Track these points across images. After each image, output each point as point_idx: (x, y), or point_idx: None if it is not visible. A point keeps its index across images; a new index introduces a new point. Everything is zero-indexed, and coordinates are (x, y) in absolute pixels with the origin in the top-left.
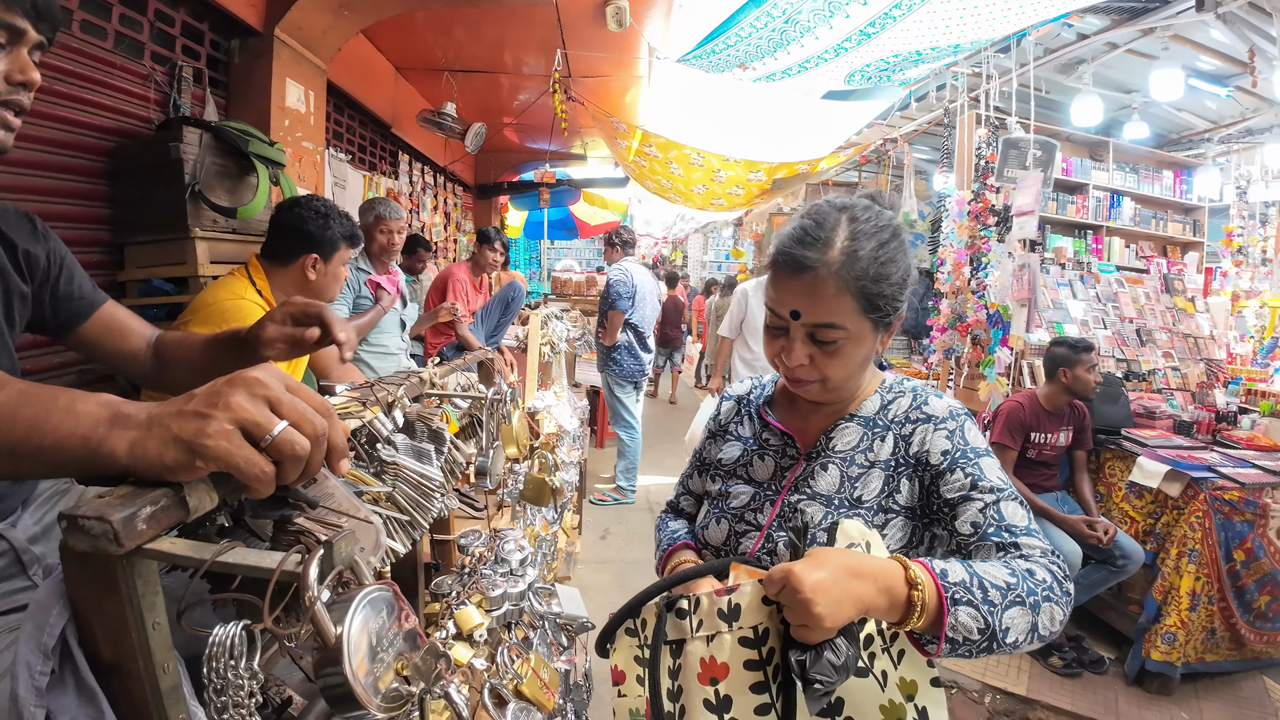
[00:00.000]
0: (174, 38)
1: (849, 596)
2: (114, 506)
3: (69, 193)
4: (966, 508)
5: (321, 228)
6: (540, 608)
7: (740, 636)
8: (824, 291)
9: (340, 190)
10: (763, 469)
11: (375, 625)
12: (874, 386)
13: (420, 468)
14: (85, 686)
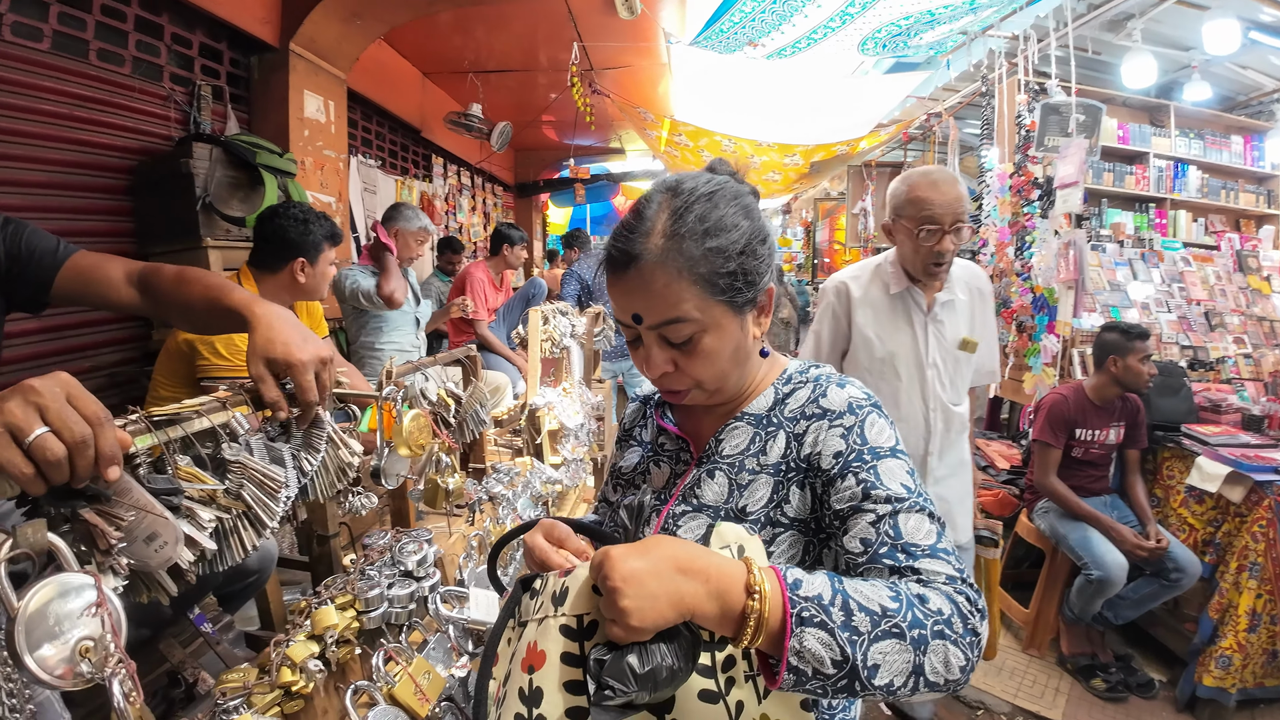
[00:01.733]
0: (192, 59)
1: (667, 594)
2: None
3: (95, 209)
4: (856, 521)
5: (303, 233)
6: (446, 612)
7: (562, 624)
8: (654, 285)
9: (370, 195)
10: (659, 476)
11: (60, 608)
12: (772, 377)
13: (265, 468)
14: None
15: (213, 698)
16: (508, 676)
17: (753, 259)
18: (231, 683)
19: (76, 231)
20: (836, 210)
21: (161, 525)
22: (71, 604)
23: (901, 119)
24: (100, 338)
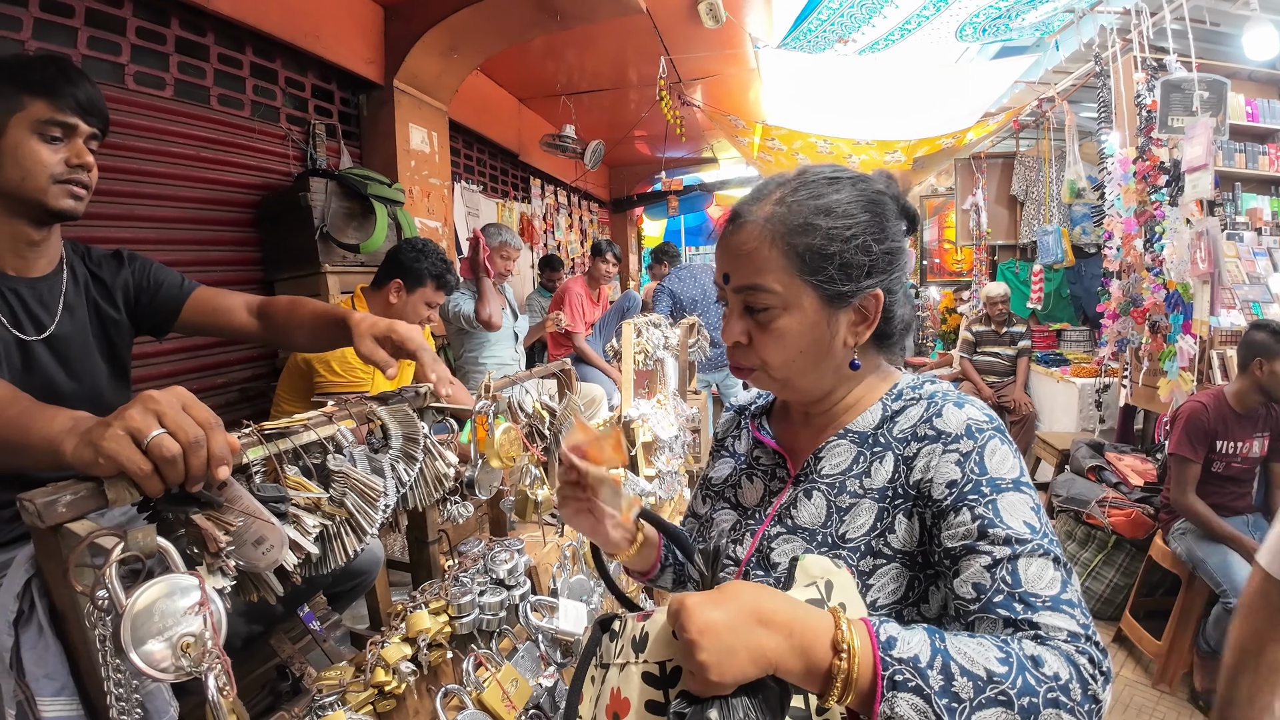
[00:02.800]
0: (306, 99)
1: (746, 647)
2: (42, 494)
3: (227, 240)
4: (969, 563)
5: (413, 260)
6: (536, 622)
7: (644, 671)
8: (747, 246)
9: (474, 218)
10: (751, 492)
11: (164, 605)
12: (879, 392)
13: (366, 478)
14: (43, 626)
15: (311, 693)
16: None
17: (860, 253)
18: (329, 679)
19: (209, 261)
20: (945, 207)
21: (268, 530)
22: (178, 602)
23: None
24: (231, 356)
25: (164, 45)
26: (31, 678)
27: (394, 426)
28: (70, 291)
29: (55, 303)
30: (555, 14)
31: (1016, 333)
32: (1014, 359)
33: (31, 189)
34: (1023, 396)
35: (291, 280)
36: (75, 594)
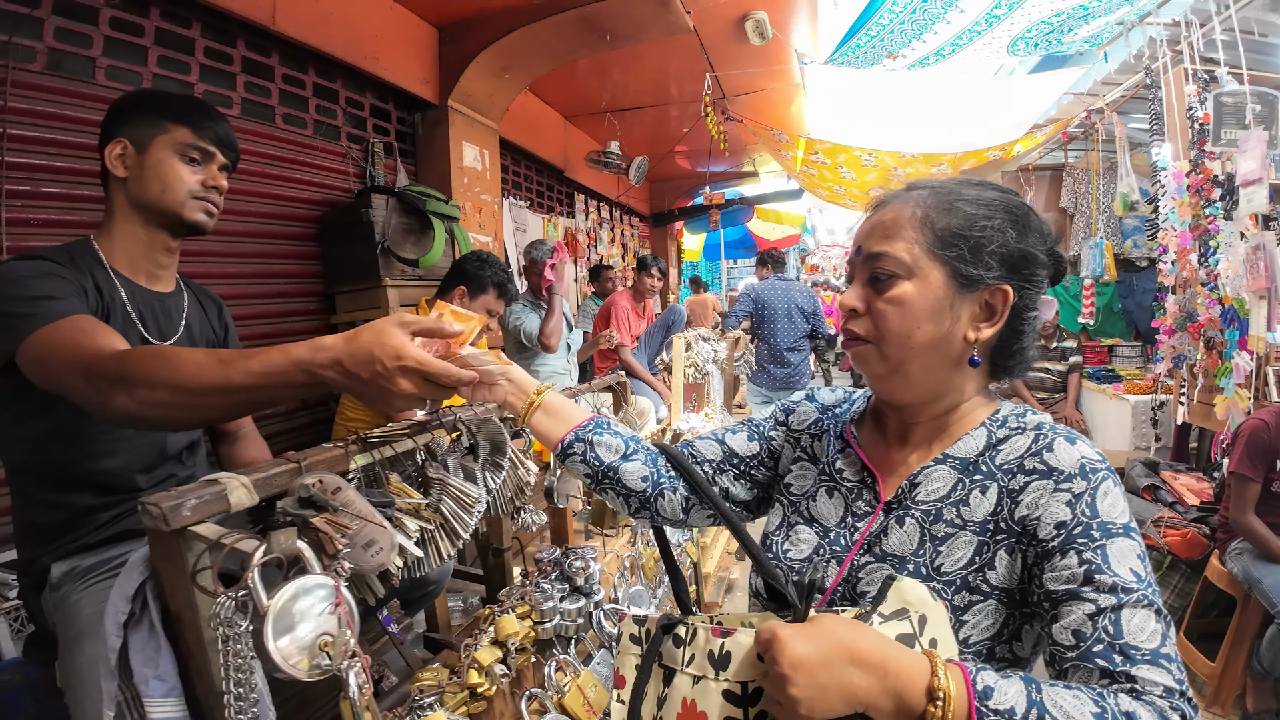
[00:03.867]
0: (364, 119)
1: (838, 686)
2: (169, 498)
3: (290, 254)
4: (1072, 609)
5: (477, 269)
6: (609, 628)
7: (725, 689)
8: (888, 217)
9: (521, 234)
10: (829, 509)
11: (304, 605)
12: (981, 416)
13: (462, 484)
14: (154, 627)
15: (405, 693)
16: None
17: (995, 240)
18: (426, 680)
19: (273, 274)
20: None
21: (379, 533)
22: (312, 603)
23: (1058, 118)
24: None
25: (231, 65)
26: (140, 679)
27: (481, 436)
28: (189, 310)
29: (179, 317)
30: (604, 34)
31: (1067, 348)
32: (1065, 375)
33: (170, 201)
34: (1074, 413)
35: (351, 293)
36: (194, 596)
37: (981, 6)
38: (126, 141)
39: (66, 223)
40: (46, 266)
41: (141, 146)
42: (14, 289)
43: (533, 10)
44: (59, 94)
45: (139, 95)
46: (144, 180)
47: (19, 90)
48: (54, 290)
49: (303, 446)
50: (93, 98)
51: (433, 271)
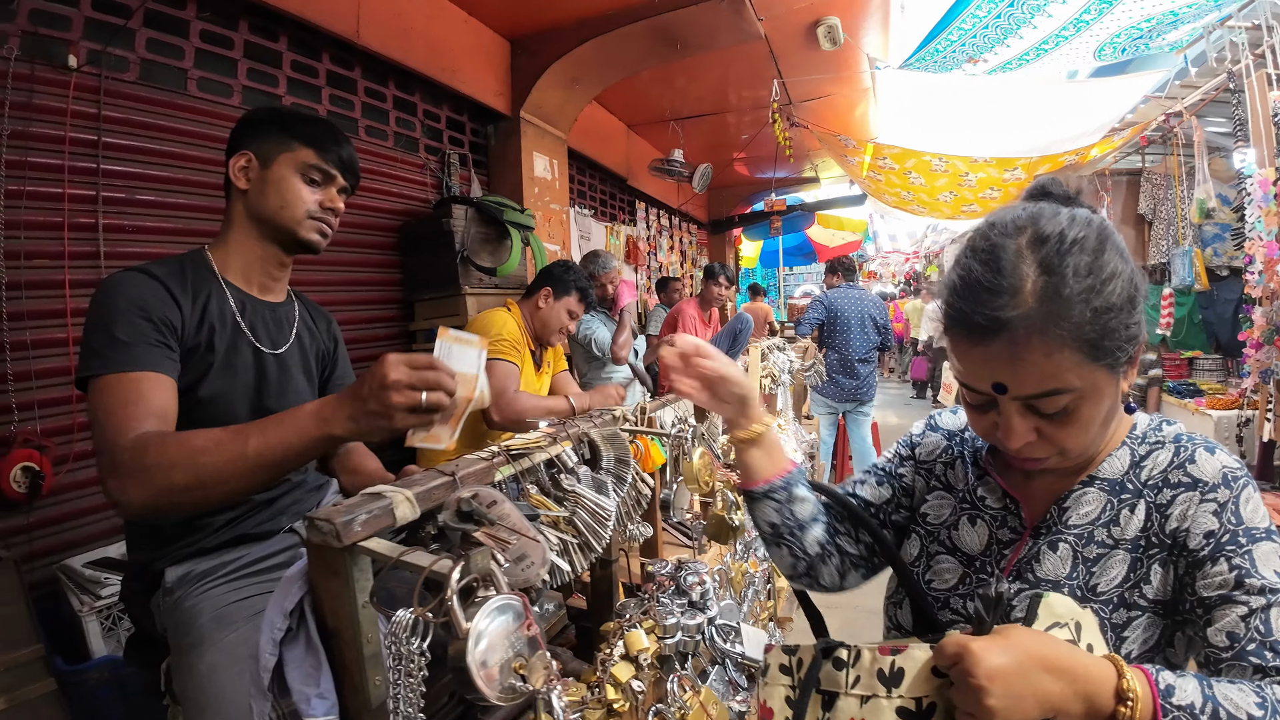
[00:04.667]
0: (441, 131)
1: (1034, 694)
2: (339, 513)
3: (372, 263)
4: (1225, 612)
5: (563, 272)
6: (722, 645)
7: (899, 706)
8: (1029, 356)
9: (585, 242)
10: (972, 538)
11: (500, 626)
12: (1121, 434)
13: (596, 498)
14: (312, 644)
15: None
16: None
17: (1135, 310)
18: (570, 695)
19: (357, 281)
20: None
21: (533, 548)
22: (504, 622)
23: (1135, 121)
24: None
25: (316, 78)
26: (300, 697)
27: (605, 448)
28: (299, 321)
29: (290, 327)
30: (675, 43)
31: (1146, 360)
32: (1144, 389)
33: (288, 219)
34: None
35: (431, 300)
36: (357, 613)
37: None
38: (251, 155)
39: (161, 230)
40: (143, 295)
41: (266, 161)
42: (104, 316)
43: (605, 21)
44: (152, 104)
45: (271, 111)
46: (265, 195)
47: (113, 99)
48: (133, 335)
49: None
50: (185, 108)
51: (507, 280)
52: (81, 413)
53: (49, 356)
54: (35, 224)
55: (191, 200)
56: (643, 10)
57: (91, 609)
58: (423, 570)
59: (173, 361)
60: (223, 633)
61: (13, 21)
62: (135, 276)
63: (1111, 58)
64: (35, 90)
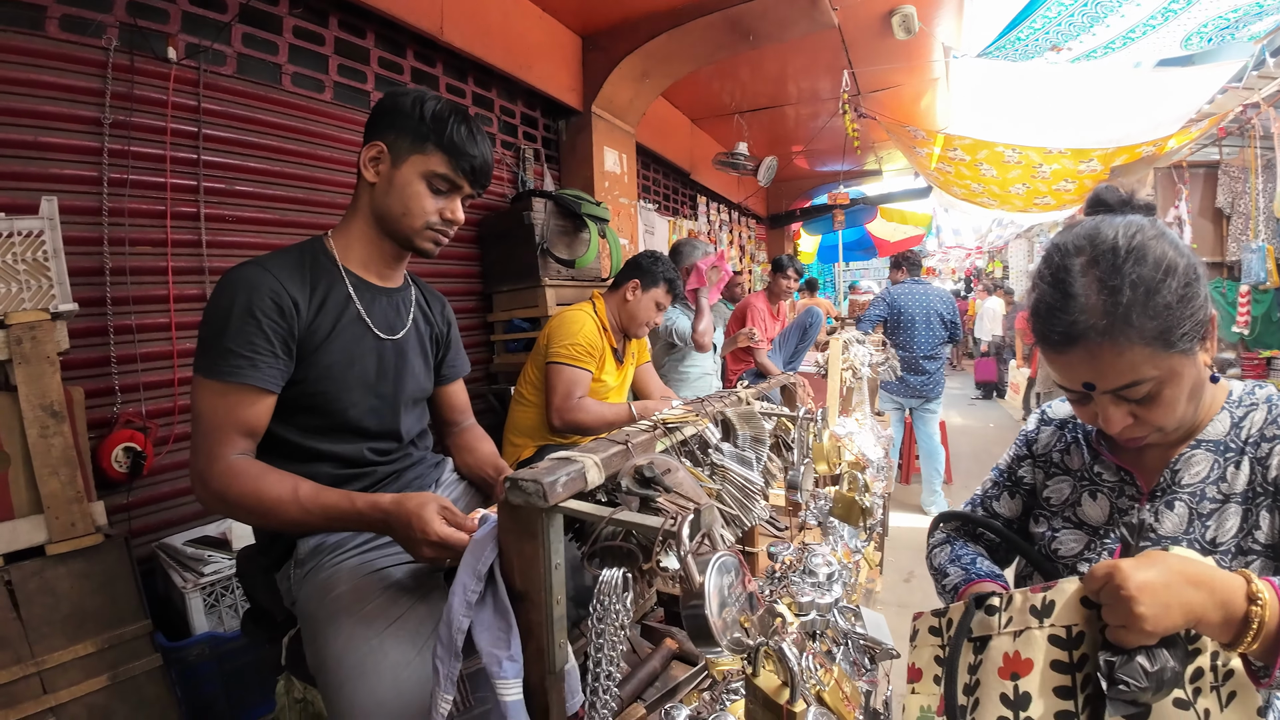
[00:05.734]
0: (515, 126)
1: (1179, 603)
2: (543, 473)
3: (454, 255)
4: None
5: (651, 264)
6: (845, 625)
7: (1051, 634)
8: (1105, 358)
9: (649, 236)
10: (1095, 510)
11: (726, 581)
12: (1220, 401)
13: (744, 471)
14: (501, 606)
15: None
16: (975, 685)
17: (1195, 298)
18: (724, 665)
19: (439, 274)
20: None
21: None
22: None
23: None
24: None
25: (401, 74)
26: (490, 659)
27: (740, 426)
28: (415, 305)
29: (406, 312)
30: (748, 35)
31: (1223, 359)
32: None
33: (406, 227)
34: None
35: (510, 292)
36: (551, 575)
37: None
38: (384, 147)
39: (259, 220)
40: (260, 298)
41: (397, 159)
42: (220, 316)
43: (676, 14)
44: (248, 97)
45: (414, 99)
46: (389, 195)
47: (211, 93)
48: (242, 344)
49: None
50: (279, 102)
51: (584, 272)
52: (184, 395)
53: (152, 340)
54: (139, 212)
55: (288, 193)
56: (715, 3)
57: (195, 585)
58: (656, 529)
59: (278, 370)
60: (359, 604)
61: (110, 13)
62: (255, 274)
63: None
64: (136, 81)
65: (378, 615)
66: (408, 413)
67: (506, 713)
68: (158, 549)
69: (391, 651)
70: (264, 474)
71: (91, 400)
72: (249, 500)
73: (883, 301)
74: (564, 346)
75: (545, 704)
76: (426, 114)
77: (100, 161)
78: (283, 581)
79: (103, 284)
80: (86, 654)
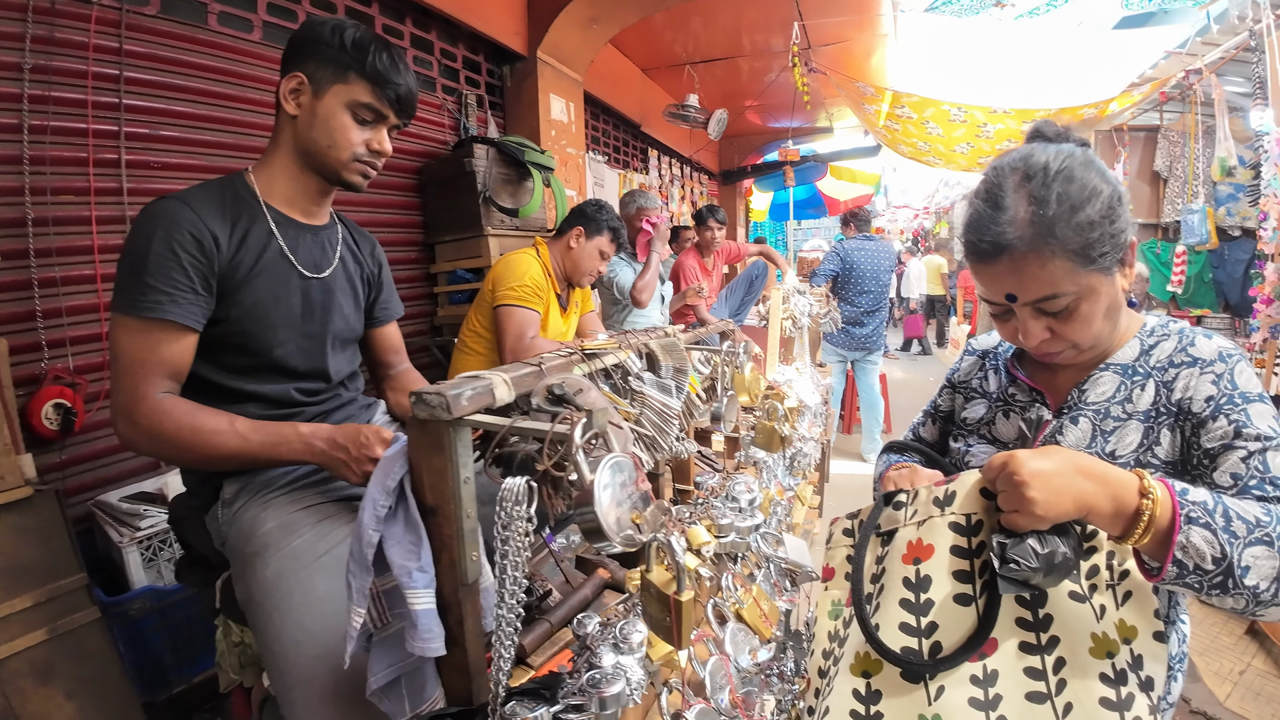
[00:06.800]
0: (457, 71)
1: (1070, 490)
2: (449, 387)
3: (392, 204)
4: (1227, 457)
5: (595, 211)
6: (767, 550)
7: (951, 521)
8: (1028, 270)
9: (599, 188)
10: (1007, 428)
11: (618, 479)
12: (1133, 330)
13: (662, 397)
14: (411, 520)
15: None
16: (881, 573)
17: (1116, 221)
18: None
19: (377, 223)
20: None
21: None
22: (620, 479)
23: (1155, 77)
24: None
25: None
26: (401, 571)
27: (664, 357)
28: (343, 243)
29: (333, 250)
30: None
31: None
32: None
33: (333, 160)
34: None
35: (453, 243)
36: (459, 488)
37: None
38: (304, 78)
39: (184, 166)
40: (178, 232)
41: (319, 89)
42: (137, 253)
43: None
44: (172, 39)
45: (332, 28)
46: (313, 127)
47: (134, 34)
48: (162, 279)
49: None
50: (205, 43)
51: (529, 222)
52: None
53: (78, 293)
54: (61, 160)
55: (216, 137)
56: None
57: (132, 540)
58: (545, 433)
59: (199, 307)
60: (288, 539)
61: None
62: (173, 209)
63: (1139, 8)
64: (56, 24)
65: (305, 549)
66: (336, 353)
67: (416, 620)
68: (94, 507)
69: (320, 583)
70: (197, 409)
71: (18, 357)
72: (184, 433)
73: (835, 256)
74: (511, 289)
75: (460, 616)
76: (347, 42)
77: (20, 108)
78: (212, 523)
79: (25, 235)
80: (24, 608)
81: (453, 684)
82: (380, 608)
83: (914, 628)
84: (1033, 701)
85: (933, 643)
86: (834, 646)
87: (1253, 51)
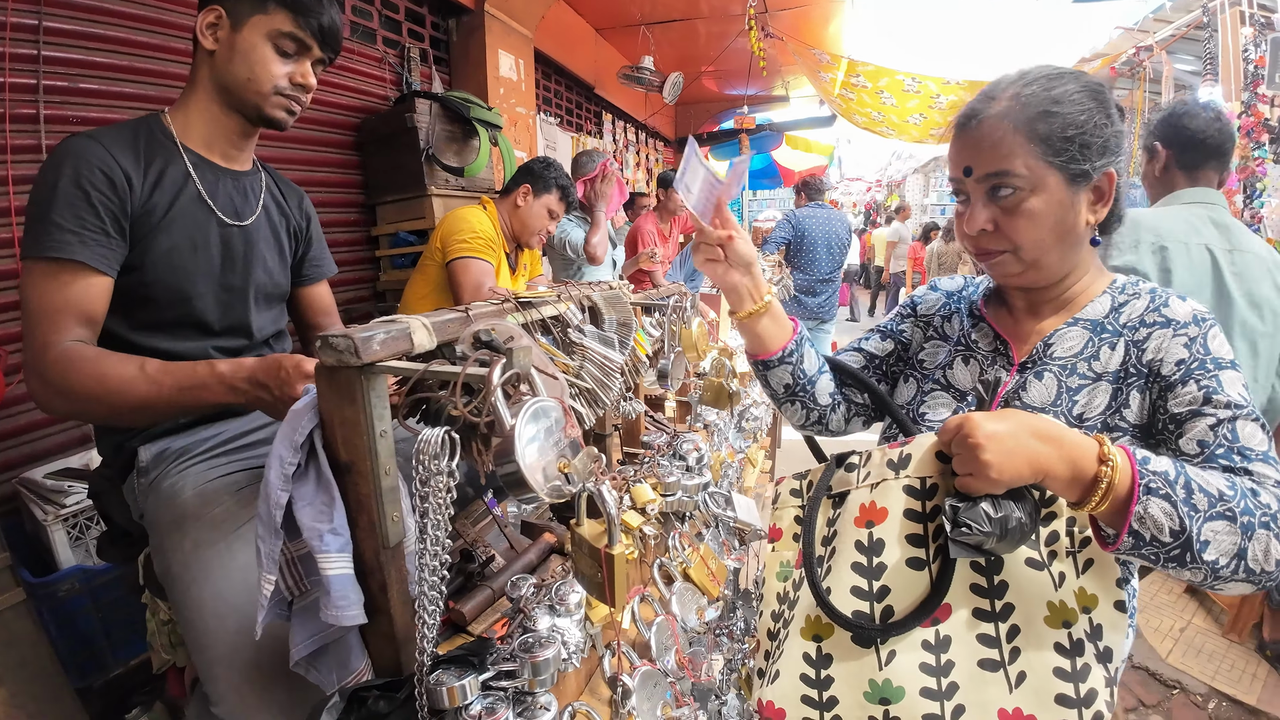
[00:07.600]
0: (400, 23)
1: (1024, 452)
2: (359, 330)
3: (329, 162)
4: (1195, 424)
5: (543, 169)
6: (715, 510)
7: (906, 484)
8: (991, 136)
9: (551, 151)
10: (964, 375)
11: (543, 426)
12: (1103, 285)
13: (604, 350)
14: (324, 479)
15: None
16: (833, 536)
17: (1095, 134)
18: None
19: (314, 182)
20: None
21: (552, 385)
22: (547, 426)
23: (1106, 53)
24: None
25: None
26: (312, 534)
27: (607, 310)
28: (266, 192)
29: (256, 198)
30: None
31: None
32: None
33: (253, 93)
34: None
35: (395, 203)
36: (375, 442)
37: None
38: (222, 11)
39: (107, 121)
40: (88, 170)
41: (237, 22)
42: (45, 192)
43: None
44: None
45: None
46: (232, 61)
47: None
48: (70, 219)
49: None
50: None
51: (475, 183)
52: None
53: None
54: None
55: (141, 90)
56: None
57: (57, 518)
58: (456, 376)
59: (111, 250)
60: (207, 509)
61: None
62: (83, 145)
63: None
64: None
65: (225, 519)
66: (260, 309)
67: (330, 587)
68: (19, 485)
69: (240, 554)
70: (104, 355)
71: None
72: (91, 384)
73: (787, 224)
74: (464, 240)
75: (384, 581)
76: None
77: None
78: (129, 494)
79: None
80: None
81: (380, 653)
82: (295, 574)
83: (866, 591)
84: (985, 669)
85: (884, 607)
86: (783, 609)
87: (1204, 29)
